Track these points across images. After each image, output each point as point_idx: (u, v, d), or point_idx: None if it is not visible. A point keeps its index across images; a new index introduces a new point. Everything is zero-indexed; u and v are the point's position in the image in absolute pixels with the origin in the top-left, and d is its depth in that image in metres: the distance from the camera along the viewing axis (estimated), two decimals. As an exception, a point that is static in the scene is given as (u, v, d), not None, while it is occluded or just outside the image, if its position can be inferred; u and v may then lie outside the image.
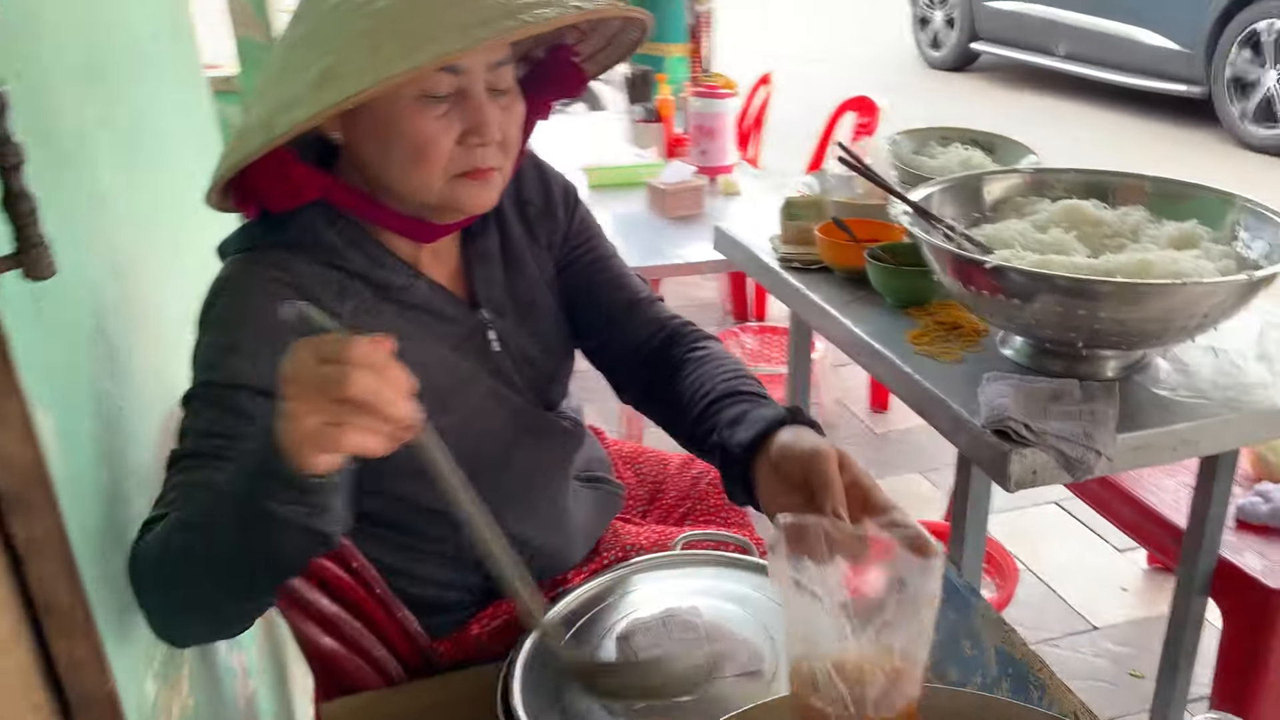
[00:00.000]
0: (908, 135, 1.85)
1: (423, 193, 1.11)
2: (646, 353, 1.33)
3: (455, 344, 1.23)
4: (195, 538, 0.94)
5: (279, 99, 1.03)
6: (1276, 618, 1.58)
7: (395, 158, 1.08)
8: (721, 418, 1.15)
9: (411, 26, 0.99)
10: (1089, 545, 2.72)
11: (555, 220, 1.36)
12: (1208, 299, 1.24)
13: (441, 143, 1.08)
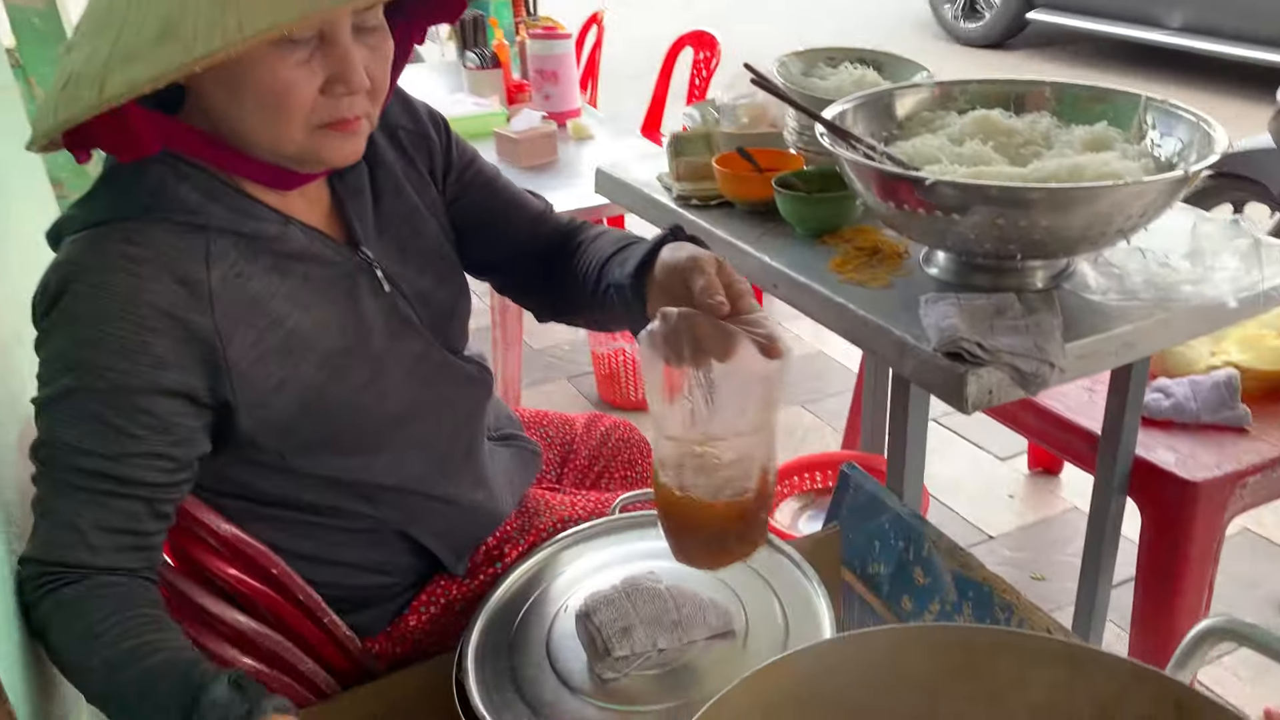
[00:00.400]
0: (796, 57, 1.78)
1: (281, 145, 1.00)
2: (554, 260, 1.30)
3: (344, 291, 1.11)
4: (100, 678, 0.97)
5: (112, 47, 0.88)
6: (1193, 507, 1.62)
7: (249, 108, 0.96)
8: (612, 263, 1.16)
9: None
10: (973, 458, 2.79)
11: (431, 143, 1.25)
12: (1140, 198, 1.22)
13: (303, 92, 0.96)
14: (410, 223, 1.20)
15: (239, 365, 1.02)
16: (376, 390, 1.13)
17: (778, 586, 1.26)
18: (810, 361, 3.27)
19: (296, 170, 1.05)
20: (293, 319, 1.06)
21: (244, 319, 1.02)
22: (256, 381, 1.04)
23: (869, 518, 1.48)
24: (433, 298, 1.21)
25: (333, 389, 1.09)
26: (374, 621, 1.27)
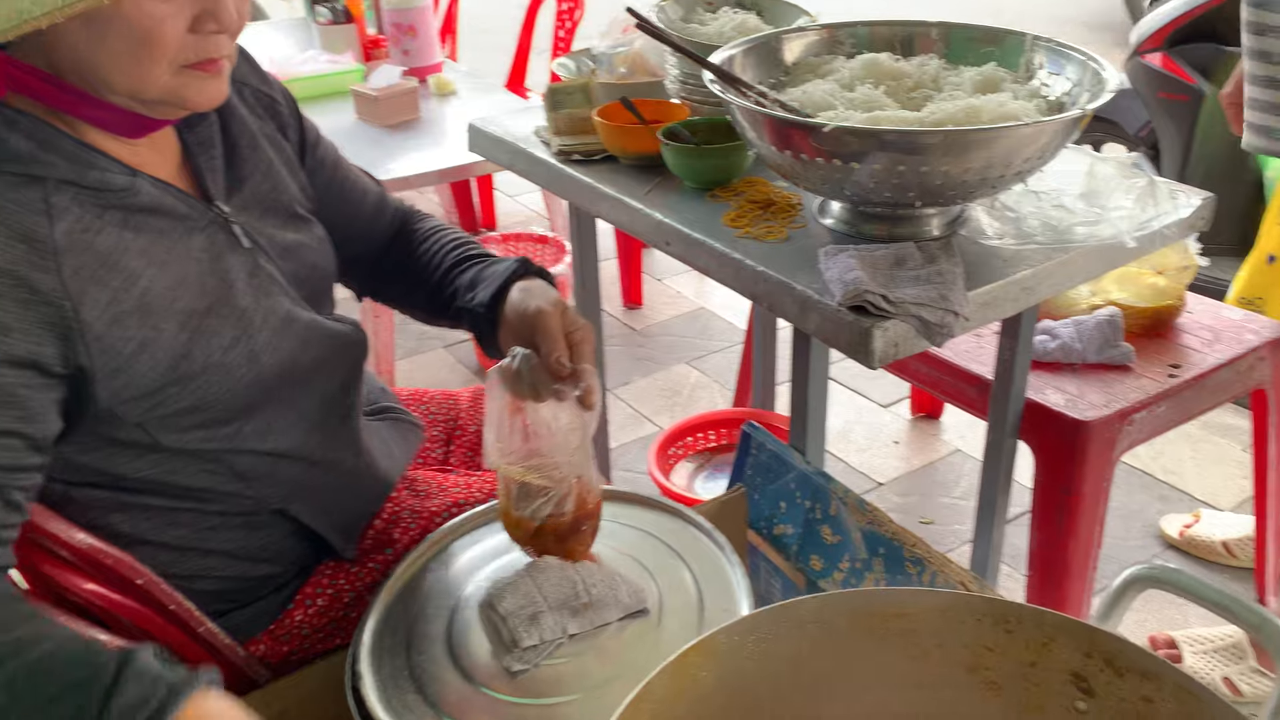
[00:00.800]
0: (675, 1, 1.70)
1: (143, 87, 0.94)
2: (386, 242, 1.35)
3: (202, 247, 1.03)
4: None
5: None
6: (1085, 446, 1.64)
7: (111, 46, 0.90)
8: (460, 283, 1.24)
9: None
10: (857, 407, 2.80)
11: (279, 109, 1.21)
12: (1037, 139, 1.19)
13: (170, 30, 0.91)
14: (269, 177, 1.14)
15: (94, 328, 0.92)
16: (245, 350, 1.04)
17: (688, 557, 1.21)
18: (693, 319, 3.23)
19: (149, 116, 0.98)
20: (148, 276, 0.97)
21: (95, 277, 0.92)
22: (114, 345, 0.94)
23: (774, 478, 1.44)
24: (296, 254, 1.15)
25: (198, 350, 1.00)
26: (256, 620, 1.17)
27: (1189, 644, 1.92)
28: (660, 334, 3.16)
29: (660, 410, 2.76)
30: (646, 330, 3.18)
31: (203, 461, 1.07)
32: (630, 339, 3.13)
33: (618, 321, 3.23)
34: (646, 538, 1.26)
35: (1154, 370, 1.75)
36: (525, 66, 3.64)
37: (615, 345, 3.09)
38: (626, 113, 1.57)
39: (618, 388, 2.88)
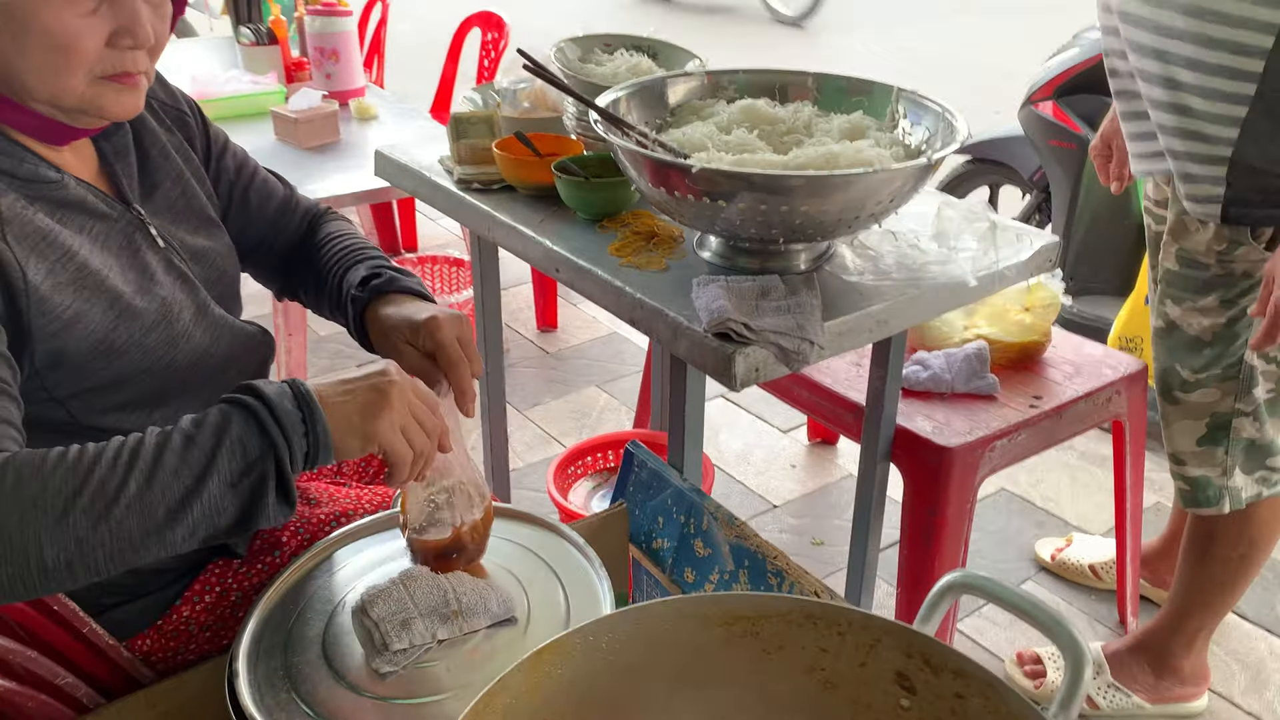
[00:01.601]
0: (573, 42, 1.79)
1: (61, 95, 1.01)
2: (296, 241, 1.41)
3: (123, 243, 1.11)
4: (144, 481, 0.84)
5: None
6: (949, 471, 1.75)
7: (31, 55, 0.97)
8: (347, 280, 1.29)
9: None
10: (758, 431, 2.90)
11: (187, 120, 1.30)
12: (890, 184, 1.30)
13: (88, 43, 0.99)
14: (179, 184, 1.22)
15: (38, 290, 0.98)
16: (165, 335, 1.11)
17: (560, 570, 1.28)
18: (605, 343, 3.31)
19: (70, 124, 1.05)
20: (82, 254, 1.04)
21: (36, 249, 0.99)
22: (53, 309, 1.00)
23: (653, 494, 1.52)
24: (205, 257, 1.23)
25: (123, 328, 1.06)
26: (143, 615, 1.21)
27: (1051, 660, 2.03)
28: (573, 357, 3.24)
29: (568, 432, 2.84)
30: (559, 353, 3.26)
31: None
32: (543, 361, 3.21)
33: (531, 344, 3.30)
34: (523, 551, 1.32)
35: (1017, 400, 1.87)
36: (450, 94, 3.72)
37: (528, 367, 3.16)
38: (523, 146, 1.65)
39: (528, 409, 2.95)
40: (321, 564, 1.28)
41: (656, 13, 8.44)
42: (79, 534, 0.82)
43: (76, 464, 0.83)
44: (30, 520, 0.81)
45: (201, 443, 0.87)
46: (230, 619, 1.27)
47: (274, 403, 0.90)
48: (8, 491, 0.81)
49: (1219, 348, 1.65)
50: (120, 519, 0.83)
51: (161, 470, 0.85)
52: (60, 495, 0.82)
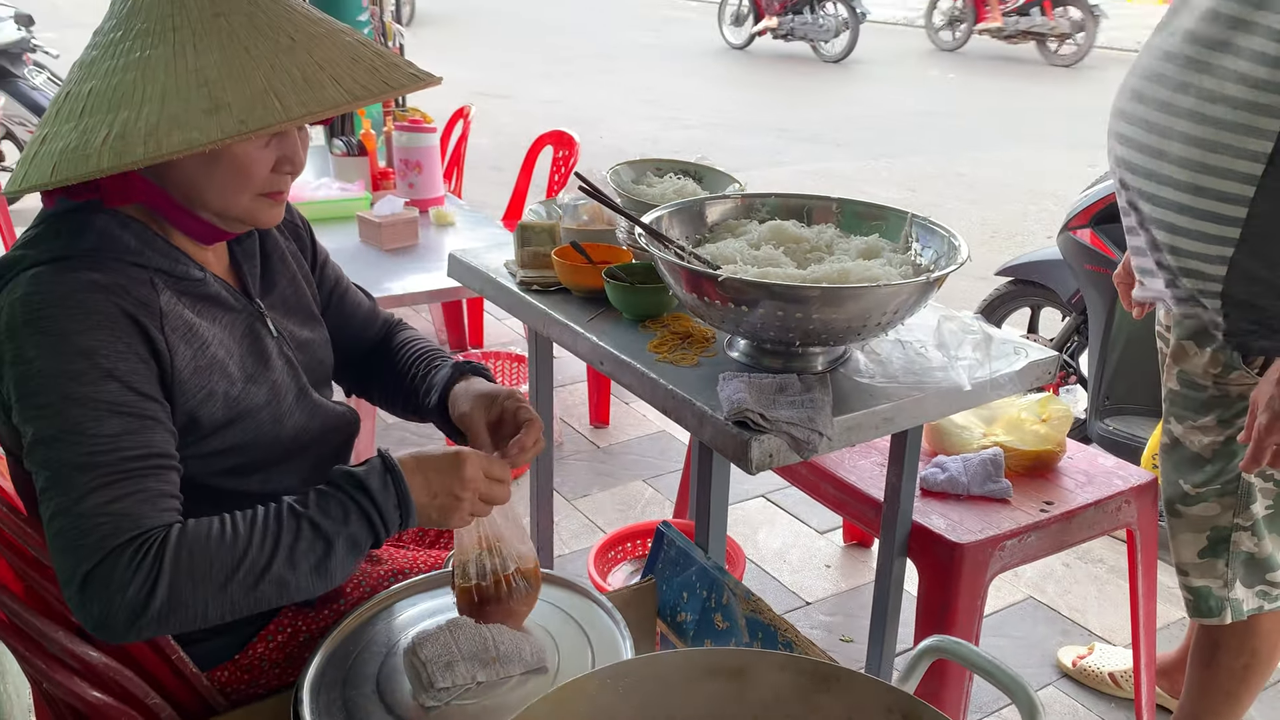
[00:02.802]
0: (628, 165, 2.02)
1: (229, 208, 1.24)
2: (371, 348, 1.63)
3: (246, 331, 1.33)
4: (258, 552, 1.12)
5: (161, 113, 1.09)
6: (960, 566, 1.87)
7: (216, 176, 1.20)
8: (420, 388, 1.53)
9: (300, 68, 1.14)
10: (795, 531, 3.03)
11: (300, 233, 1.54)
12: (895, 298, 1.47)
13: (260, 170, 1.23)
14: (292, 285, 1.46)
15: (180, 374, 1.21)
16: (274, 413, 1.33)
17: (589, 630, 1.43)
18: (654, 440, 3.49)
19: (224, 229, 1.28)
20: (215, 343, 1.27)
21: (184, 339, 1.22)
22: (190, 390, 1.22)
23: (680, 571, 1.67)
24: (308, 347, 1.45)
25: (243, 406, 1.29)
26: (224, 649, 1.39)
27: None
28: (622, 452, 3.41)
29: (613, 522, 2.99)
30: (609, 448, 3.44)
31: (214, 504, 1.27)
32: (593, 455, 3.38)
33: (583, 438, 3.49)
34: (558, 611, 1.48)
35: (1029, 504, 1.99)
36: (522, 205, 4.00)
37: (579, 460, 3.34)
38: (578, 254, 1.86)
39: (577, 499, 3.12)
40: (380, 613, 1.45)
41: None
42: (234, 600, 1.11)
43: (233, 544, 1.11)
44: (201, 589, 1.09)
45: (326, 533, 1.16)
46: (297, 657, 1.44)
47: (383, 509, 1.19)
48: (184, 566, 1.08)
49: (1218, 464, 1.77)
50: (264, 590, 1.13)
51: (296, 555, 1.14)
52: (222, 571, 1.10)
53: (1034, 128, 8.37)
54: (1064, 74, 11.01)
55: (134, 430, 1.14)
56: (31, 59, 5.96)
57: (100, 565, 1.07)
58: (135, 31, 1.15)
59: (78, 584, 1.07)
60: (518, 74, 10.66)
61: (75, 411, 1.11)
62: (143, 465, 1.13)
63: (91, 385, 1.12)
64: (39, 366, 1.12)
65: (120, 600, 1.06)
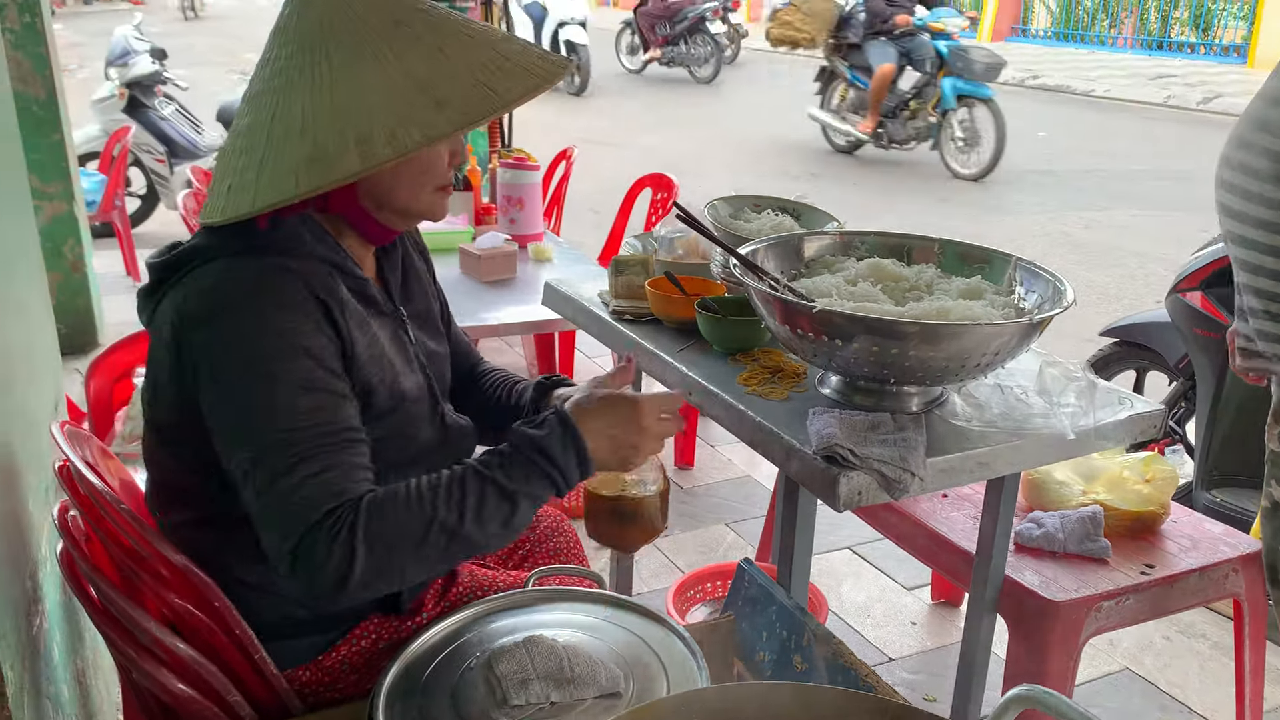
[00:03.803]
0: (725, 201, 2.02)
1: (415, 203, 1.35)
2: (466, 375, 1.69)
3: (393, 334, 1.41)
4: (456, 513, 1.21)
5: (394, 116, 1.19)
6: (1053, 625, 1.80)
7: (408, 175, 1.31)
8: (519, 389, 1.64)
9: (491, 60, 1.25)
10: (881, 585, 2.95)
11: (425, 252, 1.61)
12: (996, 338, 1.44)
13: (441, 164, 1.35)
14: (425, 299, 1.54)
15: (359, 359, 1.30)
16: (410, 415, 1.40)
17: (665, 660, 1.41)
18: (738, 484, 3.45)
19: (396, 228, 1.39)
20: (381, 337, 1.36)
21: (358, 327, 1.31)
22: (362, 378, 1.30)
23: (760, 609, 1.64)
24: (435, 359, 1.53)
25: (393, 402, 1.36)
26: (309, 649, 1.41)
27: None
28: (705, 494, 3.38)
29: (694, 563, 2.96)
30: (693, 490, 3.41)
31: None
32: (676, 495, 3.36)
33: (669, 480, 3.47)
34: (634, 639, 1.47)
35: (1128, 566, 1.91)
36: (618, 244, 4.04)
37: (663, 501, 3.32)
38: (671, 285, 1.86)
39: (657, 538, 3.09)
40: (459, 628, 1.45)
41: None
42: (428, 560, 1.21)
43: (421, 509, 1.20)
44: (397, 556, 1.18)
45: (511, 494, 1.24)
46: (375, 665, 1.45)
47: (564, 469, 1.27)
48: (377, 536, 1.16)
49: None
50: (454, 550, 1.22)
51: (483, 515, 1.23)
52: (414, 536, 1.19)
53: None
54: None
55: (328, 406, 1.22)
56: (162, 90, 6.28)
57: (301, 543, 1.15)
58: (327, 51, 1.23)
59: (286, 563, 1.16)
60: (621, 122, 10.83)
61: (274, 389, 1.19)
62: (337, 440, 1.21)
63: (288, 363, 1.21)
64: (235, 349, 1.20)
65: (323, 575, 1.15)
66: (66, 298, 4.20)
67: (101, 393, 2.05)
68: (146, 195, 6.26)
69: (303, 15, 1.27)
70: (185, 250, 1.30)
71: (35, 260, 2.10)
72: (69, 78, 6.09)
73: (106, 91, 6.03)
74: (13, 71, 3.86)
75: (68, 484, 1.38)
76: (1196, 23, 14.83)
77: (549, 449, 1.26)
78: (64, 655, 1.67)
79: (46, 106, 3.99)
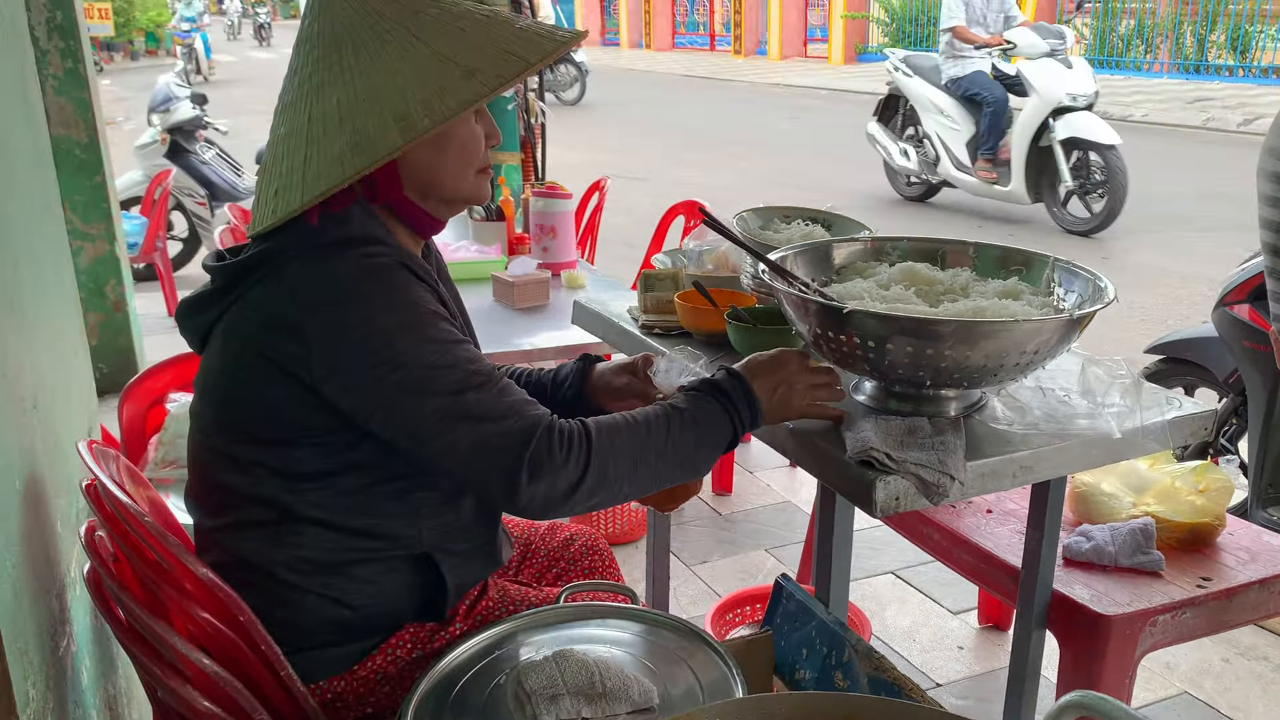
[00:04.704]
0: (754, 213, 2.00)
1: (460, 187, 1.38)
2: None
3: None
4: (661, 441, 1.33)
5: (427, 89, 1.23)
6: (1105, 640, 1.73)
7: (449, 160, 1.35)
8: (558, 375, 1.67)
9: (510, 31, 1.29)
10: (926, 610, 2.87)
11: (447, 279, 1.57)
12: (1035, 336, 1.39)
13: (479, 146, 1.38)
14: (456, 301, 1.53)
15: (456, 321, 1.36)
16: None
17: (700, 674, 1.37)
18: (778, 510, 3.40)
19: (442, 218, 1.42)
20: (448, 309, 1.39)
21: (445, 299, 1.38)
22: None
23: (799, 625, 1.59)
24: None
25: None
26: (344, 659, 1.39)
27: None
28: (744, 520, 3.33)
29: (734, 589, 2.89)
30: (731, 516, 3.36)
31: (397, 499, 1.37)
32: (714, 522, 3.31)
33: (705, 504, 3.42)
34: (669, 653, 1.42)
35: (1184, 579, 1.84)
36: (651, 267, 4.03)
37: (700, 526, 3.27)
38: (701, 297, 1.83)
39: (696, 564, 3.04)
40: (489, 644, 1.42)
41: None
42: (640, 477, 1.32)
43: (635, 431, 1.32)
44: (620, 465, 1.30)
45: (703, 425, 1.37)
46: (409, 676, 1.42)
47: (740, 411, 1.39)
48: (606, 445, 1.29)
49: None
50: (660, 469, 1.34)
51: (682, 442, 1.35)
52: (632, 451, 1.31)
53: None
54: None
55: (479, 356, 1.31)
56: (203, 135, 6.40)
57: (537, 448, 1.24)
58: (352, 47, 1.26)
59: (527, 471, 1.23)
60: (655, 158, 10.88)
61: (437, 348, 1.26)
62: (504, 377, 1.31)
63: (435, 326, 1.28)
64: (379, 323, 1.24)
65: (563, 475, 1.25)
66: (108, 337, 4.25)
67: (135, 418, 2.05)
68: (188, 238, 6.35)
69: (322, 21, 1.29)
70: (255, 255, 1.30)
71: (70, 292, 2.12)
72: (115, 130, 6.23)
73: (149, 137, 6.16)
74: (56, 116, 3.94)
75: (95, 502, 1.37)
76: (1234, 46, 14.67)
77: (730, 392, 1.39)
78: (93, 680, 1.65)
79: (88, 150, 4.06)
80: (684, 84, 18.79)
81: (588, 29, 1.58)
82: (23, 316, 1.55)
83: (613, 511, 3.10)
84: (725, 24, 24.41)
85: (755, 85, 18.10)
